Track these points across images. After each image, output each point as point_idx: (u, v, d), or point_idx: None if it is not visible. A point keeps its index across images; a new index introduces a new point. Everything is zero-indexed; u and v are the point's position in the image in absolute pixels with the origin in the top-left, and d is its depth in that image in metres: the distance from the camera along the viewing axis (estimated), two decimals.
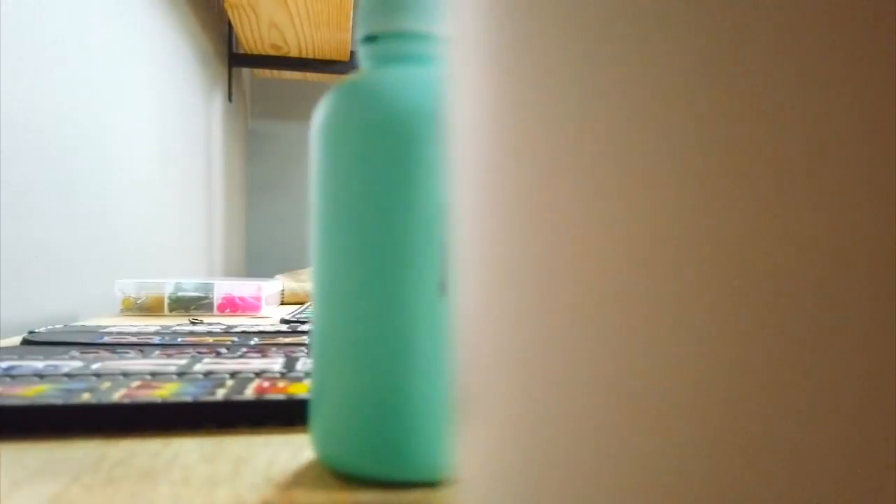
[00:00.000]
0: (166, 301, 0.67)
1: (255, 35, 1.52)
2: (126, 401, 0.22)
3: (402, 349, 0.17)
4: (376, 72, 0.19)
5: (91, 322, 0.57)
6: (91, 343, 0.39)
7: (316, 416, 0.19)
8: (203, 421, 0.23)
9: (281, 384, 0.26)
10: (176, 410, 0.22)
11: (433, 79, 0.18)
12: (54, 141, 0.64)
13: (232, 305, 0.68)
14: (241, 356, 0.34)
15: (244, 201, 1.83)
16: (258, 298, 0.69)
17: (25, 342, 0.39)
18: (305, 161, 1.90)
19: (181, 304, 0.67)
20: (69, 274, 0.67)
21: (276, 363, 0.31)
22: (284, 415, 0.23)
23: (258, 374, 0.28)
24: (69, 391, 0.24)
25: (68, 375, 0.27)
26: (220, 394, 0.24)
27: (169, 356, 0.34)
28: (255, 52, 1.62)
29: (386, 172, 0.17)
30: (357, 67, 1.66)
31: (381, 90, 0.18)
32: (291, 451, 0.21)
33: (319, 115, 0.19)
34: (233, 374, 0.28)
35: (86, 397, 0.23)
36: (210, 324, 0.53)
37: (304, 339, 0.42)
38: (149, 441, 0.21)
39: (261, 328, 0.47)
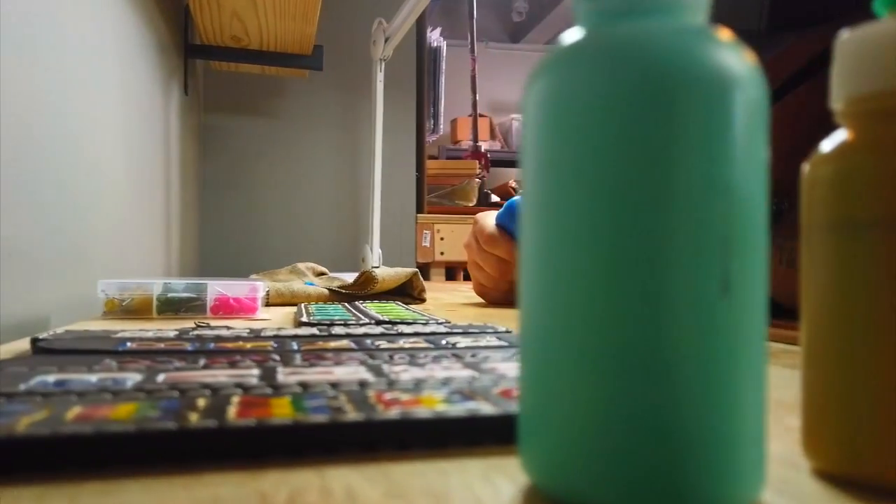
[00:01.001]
0: (154, 303, 0.61)
1: (215, 25, 1.45)
2: (279, 423, 0.19)
3: (672, 359, 0.14)
4: (615, 29, 0.15)
5: (77, 326, 0.52)
6: (117, 351, 0.34)
7: (536, 437, 0.16)
8: (370, 444, 0.19)
9: (408, 397, 0.23)
10: (335, 432, 0.19)
11: (693, 33, 0.15)
12: (10, 130, 0.58)
13: (226, 307, 0.63)
14: (308, 365, 0.30)
15: (198, 198, 1.75)
16: (254, 299, 0.64)
17: (39, 350, 0.34)
18: (262, 157, 1.84)
19: (171, 306, 0.62)
20: (37, 273, 0.61)
21: (357, 372, 0.28)
22: (467, 434, 0.20)
23: (363, 386, 0.25)
24: (166, 410, 0.20)
25: (145, 391, 0.23)
26: (352, 411, 0.20)
27: (224, 365, 0.29)
28: (214, 44, 1.55)
29: (653, 149, 0.14)
30: (319, 64, 1.61)
31: (634, 49, 0.15)
32: (481, 476, 0.18)
33: (541, 87, 0.16)
34: (334, 385, 0.24)
35: (194, 418, 0.19)
36: (217, 327, 0.48)
37: (349, 343, 0.38)
38: (297, 472, 0.18)
39: (288, 332, 0.43)
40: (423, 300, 0.84)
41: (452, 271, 2.00)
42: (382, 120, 1.64)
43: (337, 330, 0.44)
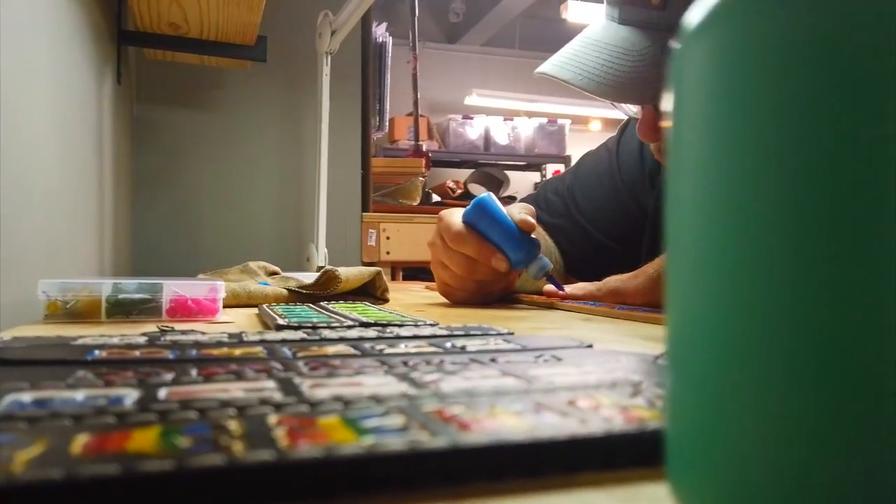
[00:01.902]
0: (103, 305, 0.56)
1: (151, 11, 1.37)
2: (397, 448, 0.15)
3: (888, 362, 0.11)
4: None
5: (17, 332, 0.46)
6: (86, 361, 0.29)
7: (700, 459, 0.13)
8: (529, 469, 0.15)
9: (478, 414, 0.19)
10: (453, 459, 0.15)
11: None
12: None
13: (184, 309, 0.58)
14: (326, 374, 0.26)
15: (130, 194, 1.65)
16: (214, 300, 0.59)
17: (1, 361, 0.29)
18: (199, 152, 1.75)
19: (121, 309, 0.56)
20: None
21: (388, 382, 0.24)
22: (597, 457, 0.17)
23: (410, 399, 0.21)
24: (197, 438, 0.16)
25: (155, 413, 0.19)
26: (425, 433, 0.17)
27: (230, 377, 0.25)
28: (150, 30, 1.46)
29: (871, 107, 0.11)
30: (262, 55, 1.54)
31: None
32: None
33: (721, 39, 0.13)
34: (378, 400, 0.21)
35: (239, 449, 0.15)
36: (184, 331, 0.43)
37: (348, 349, 0.35)
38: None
39: (273, 336, 0.39)
40: (386, 300, 0.80)
41: (393, 271, 1.96)
42: (329, 116, 1.59)
43: (328, 334, 0.40)
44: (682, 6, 0.59)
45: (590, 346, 0.36)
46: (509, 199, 2.51)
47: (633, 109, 0.77)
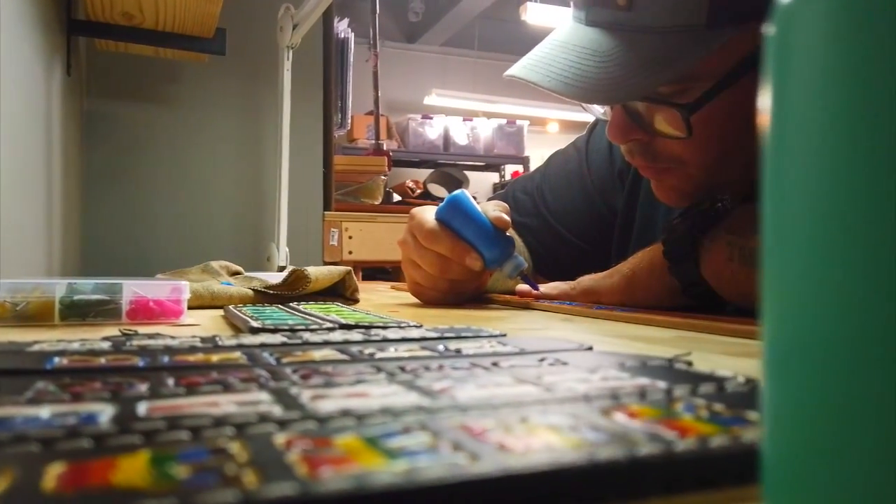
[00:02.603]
0: (57, 307, 0.52)
1: (103, 0, 1.31)
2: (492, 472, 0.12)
3: None
4: None
5: None
6: (46, 370, 0.26)
7: (819, 482, 0.11)
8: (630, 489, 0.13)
9: (517, 430, 0.17)
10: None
11: None
12: None
13: (146, 311, 0.54)
14: (323, 384, 0.23)
15: (81, 191, 1.58)
16: (178, 302, 0.55)
17: None
18: (154, 148, 1.69)
19: (77, 311, 0.52)
20: None
21: (396, 392, 0.22)
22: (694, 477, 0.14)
23: (427, 413, 0.18)
24: (197, 466, 0.13)
25: (139, 433, 0.16)
26: (466, 454, 0.14)
27: (215, 387, 0.22)
28: (102, 20, 1.40)
29: None
30: (221, 48, 1.49)
31: None
32: None
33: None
34: (393, 414, 0.18)
35: (251, 480, 0.13)
36: (148, 335, 0.40)
37: (336, 353, 0.32)
38: None
39: (250, 340, 0.36)
40: (356, 300, 0.77)
41: (354, 271, 1.92)
42: (290, 112, 1.55)
43: (310, 337, 0.37)
44: (647, 5, 0.58)
45: (590, 348, 0.35)
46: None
47: (601, 110, 0.76)
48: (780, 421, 0.12)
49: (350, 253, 1.82)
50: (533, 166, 4.32)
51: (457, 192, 0.77)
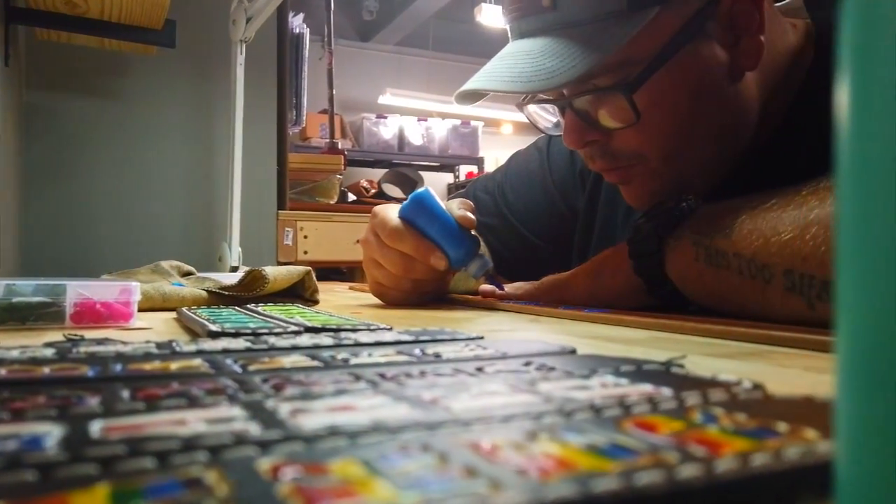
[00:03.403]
0: None
1: None
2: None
3: None
4: None
5: None
6: None
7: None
8: None
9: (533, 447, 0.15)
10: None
11: None
12: None
13: (93, 314, 0.50)
14: (300, 396, 0.21)
15: (18, 187, 1.51)
16: (128, 304, 0.52)
17: None
18: (99, 143, 1.62)
19: (16, 314, 0.48)
20: None
21: (384, 405, 0.19)
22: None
23: (431, 428, 0.16)
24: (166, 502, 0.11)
25: (92, 460, 0.13)
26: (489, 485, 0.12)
27: (179, 401, 0.20)
28: (43, 8, 1.33)
29: None
30: (171, 40, 1.44)
31: None
32: None
33: None
34: (390, 431, 0.16)
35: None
36: (97, 340, 0.36)
37: (306, 359, 0.29)
38: None
39: (212, 346, 0.33)
40: (316, 301, 0.74)
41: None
42: (243, 108, 1.51)
43: (276, 342, 0.34)
44: (570, 2, 0.59)
45: (573, 350, 0.33)
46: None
47: (554, 120, 0.76)
48: (865, 441, 0.10)
49: (305, 253, 1.78)
50: (487, 167, 4.33)
51: (421, 189, 0.75)
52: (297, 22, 1.91)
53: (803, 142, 0.64)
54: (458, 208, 0.74)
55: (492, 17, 4.29)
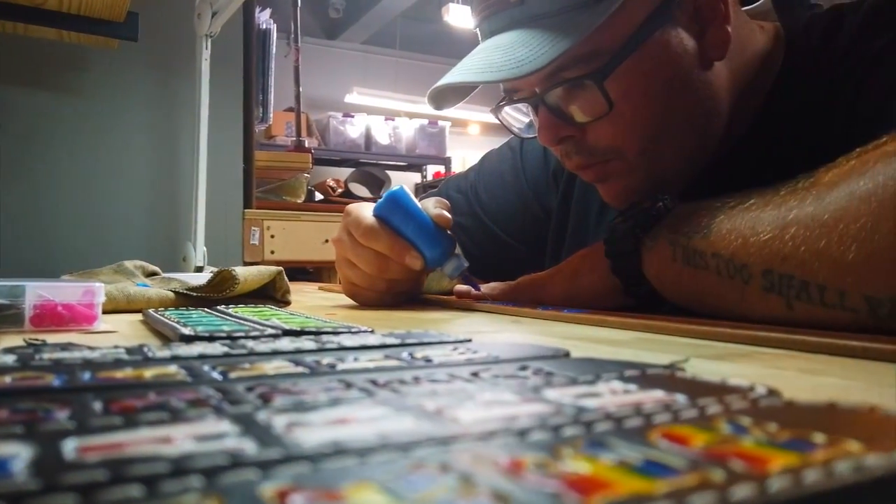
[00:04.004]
0: None
1: None
2: None
3: None
4: None
5: None
6: None
7: None
8: None
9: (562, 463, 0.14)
10: None
11: None
12: None
13: (54, 317, 0.48)
14: (292, 408, 0.20)
15: None
16: (91, 306, 0.49)
17: None
18: (56, 140, 1.56)
19: None
20: None
21: (387, 416, 0.18)
22: None
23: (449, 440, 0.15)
24: None
25: (69, 490, 0.12)
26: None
27: (161, 416, 0.18)
28: None
29: None
30: (133, 34, 1.40)
31: None
32: None
33: None
34: (397, 446, 0.14)
35: None
36: (61, 345, 0.34)
37: (290, 365, 0.28)
38: None
39: (187, 351, 0.31)
40: (288, 302, 0.72)
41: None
42: (208, 104, 1.47)
43: (255, 346, 0.32)
44: None
45: (567, 353, 0.32)
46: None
47: (523, 121, 0.77)
48: None
49: (272, 253, 1.75)
50: (455, 167, 4.33)
51: (396, 187, 0.73)
52: (263, 17, 1.88)
53: (775, 142, 0.65)
54: (433, 207, 0.73)
55: (460, 17, 4.28)
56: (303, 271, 2.04)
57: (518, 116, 0.78)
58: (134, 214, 1.62)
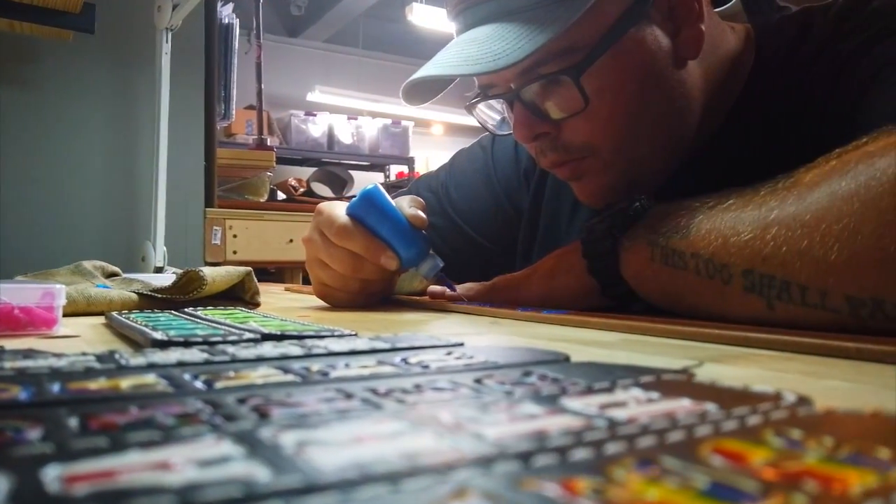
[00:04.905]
0: None
1: None
2: None
3: None
4: None
5: None
6: None
7: None
8: None
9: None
10: None
11: None
12: None
13: (11, 321, 0.45)
14: (295, 423, 0.18)
15: None
16: (51, 309, 0.46)
17: None
18: (6, 135, 1.50)
19: None
20: None
21: (403, 432, 0.16)
22: None
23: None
24: None
25: None
26: None
27: (151, 433, 0.16)
28: None
29: None
30: (89, 25, 1.35)
31: None
32: None
33: None
34: (432, 469, 0.13)
35: None
36: (24, 353, 0.31)
37: (278, 373, 0.26)
38: None
39: (164, 358, 0.29)
40: (257, 304, 0.70)
41: None
42: (168, 100, 1.42)
43: (236, 352, 0.30)
44: None
45: (567, 358, 0.30)
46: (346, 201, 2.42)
47: (497, 118, 0.76)
48: None
49: (234, 253, 1.71)
50: (418, 167, 4.30)
51: (370, 186, 0.71)
52: (226, 11, 1.83)
53: (745, 142, 0.65)
54: (408, 206, 0.71)
55: (423, 17, 4.26)
56: (264, 272, 2.00)
57: (491, 114, 0.77)
58: (90, 213, 1.56)
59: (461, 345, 0.34)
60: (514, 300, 0.68)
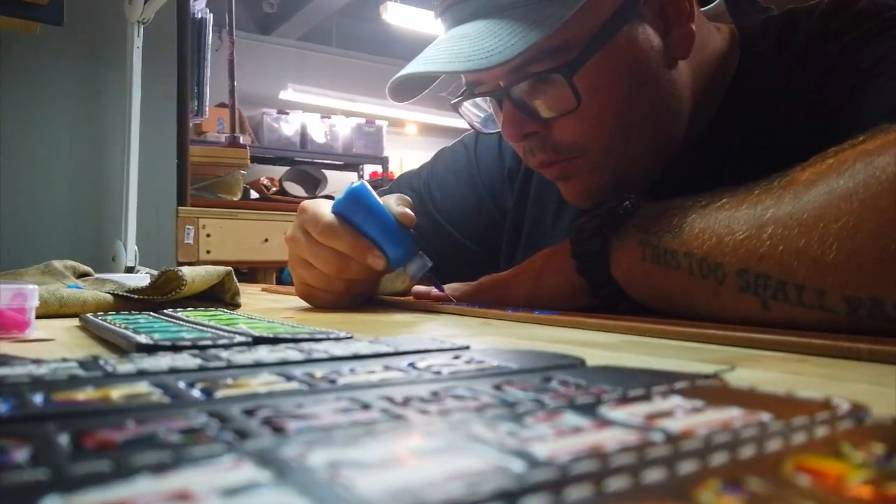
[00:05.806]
0: None
1: None
2: None
3: None
4: None
5: None
6: None
7: None
8: None
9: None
10: None
11: None
12: None
13: None
14: (309, 443, 0.16)
15: None
16: (23, 311, 0.44)
17: None
18: None
19: None
20: None
21: (443, 450, 0.14)
22: None
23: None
24: None
25: None
26: None
27: (159, 454, 0.14)
28: None
29: None
30: (57, 17, 1.30)
31: None
32: None
33: None
34: (494, 496, 0.11)
35: None
36: (0, 360, 0.29)
37: (280, 380, 0.24)
38: None
39: (154, 365, 0.26)
40: (237, 305, 0.67)
41: None
42: (140, 95, 1.38)
43: (231, 357, 0.28)
44: None
45: (582, 362, 0.29)
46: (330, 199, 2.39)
47: (481, 116, 0.75)
48: None
49: (208, 252, 1.67)
50: (392, 167, 4.28)
51: (356, 183, 0.69)
52: (199, 6, 1.80)
53: (732, 142, 0.65)
54: (396, 204, 0.69)
55: (398, 16, 4.24)
56: (236, 272, 1.96)
57: (476, 112, 0.76)
58: (57, 211, 1.52)
59: (467, 348, 0.33)
60: (501, 300, 0.67)
